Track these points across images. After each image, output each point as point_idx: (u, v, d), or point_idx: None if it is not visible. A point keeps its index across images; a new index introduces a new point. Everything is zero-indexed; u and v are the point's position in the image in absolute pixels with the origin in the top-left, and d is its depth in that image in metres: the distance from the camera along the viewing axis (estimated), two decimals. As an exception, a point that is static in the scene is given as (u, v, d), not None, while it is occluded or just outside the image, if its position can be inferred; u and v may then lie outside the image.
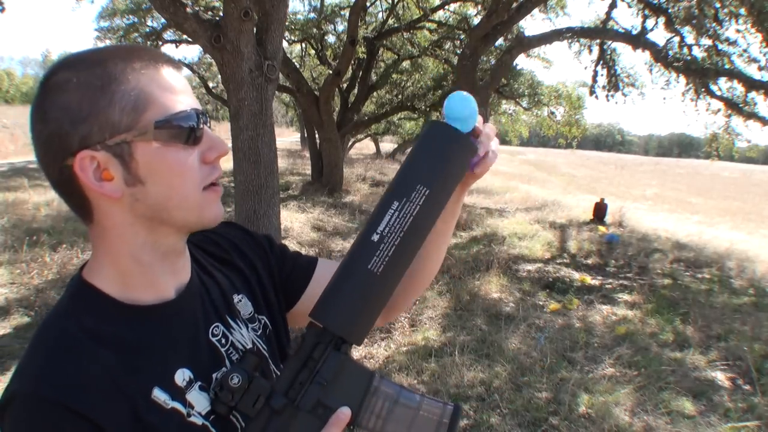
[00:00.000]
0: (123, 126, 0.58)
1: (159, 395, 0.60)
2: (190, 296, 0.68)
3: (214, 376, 0.66)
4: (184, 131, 0.60)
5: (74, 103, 0.57)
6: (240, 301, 0.76)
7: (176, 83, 0.62)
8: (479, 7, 10.44)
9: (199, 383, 0.64)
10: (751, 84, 7.77)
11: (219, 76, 4.58)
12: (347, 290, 0.61)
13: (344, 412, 0.60)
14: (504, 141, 27.12)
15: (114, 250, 0.62)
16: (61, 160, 0.58)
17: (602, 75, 10.16)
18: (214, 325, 0.70)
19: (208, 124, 0.64)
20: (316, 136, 11.69)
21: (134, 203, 0.60)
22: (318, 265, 0.87)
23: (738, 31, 7.83)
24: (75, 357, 0.57)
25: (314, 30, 12.10)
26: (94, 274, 0.63)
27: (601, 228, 9.10)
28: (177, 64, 0.64)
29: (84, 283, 0.63)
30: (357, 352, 3.91)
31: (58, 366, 0.56)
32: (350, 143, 19.33)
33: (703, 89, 8.46)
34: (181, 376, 0.63)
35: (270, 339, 0.78)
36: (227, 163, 6.63)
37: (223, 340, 0.70)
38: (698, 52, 8.42)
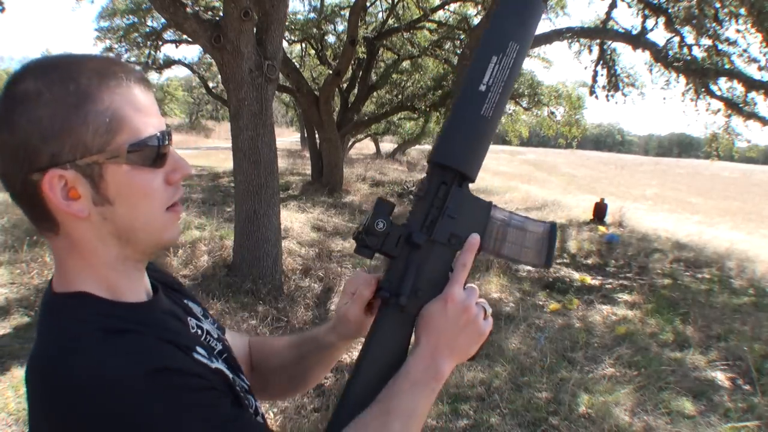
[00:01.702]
0: (95, 147, 0.57)
1: (201, 355, 0.63)
2: (162, 297, 0.70)
3: (201, 350, 0.66)
4: (153, 154, 0.61)
5: (46, 119, 0.55)
6: (188, 303, 0.78)
7: (147, 103, 0.62)
8: (479, 7, 10.44)
9: (214, 362, 0.66)
10: (751, 84, 7.77)
11: (219, 76, 4.58)
12: (465, 134, 0.69)
13: (475, 238, 0.71)
14: (504, 141, 27.12)
15: (92, 262, 0.62)
16: (26, 173, 0.56)
17: (602, 75, 10.16)
18: (188, 318, 0.72)
19: (171, 144, 0.64)
20: (316, 136, 11.69)
21: (102, 222, 0.60)
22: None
23: (738, 31, 7.84)
24: (131, 334, 0.57)
25: (314, 30, 12.11)
26: (78, 283, 0.61)
27: (601, 228, 9.10)
28: (147, 82, 0.64)
29: (76, 293, 0.61)
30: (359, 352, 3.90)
31: (128, 343, 0.56)
32: (350, 143, 19.31)
33: (703, 89, 8.46)
34: (202, 350, 0.65)
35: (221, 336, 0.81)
36: (227, 162, 6.59)
37: (199, 331, 0.72)
38: (698, 52, 8.43)
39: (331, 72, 10.55)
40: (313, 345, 0.86)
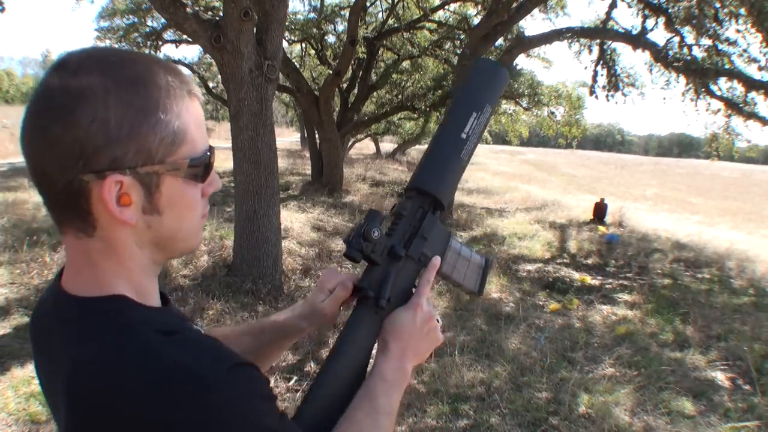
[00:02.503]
0: (158, 157, 0.57)
1: None
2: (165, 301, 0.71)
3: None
4: (204, 170, 0.62)
5: (114, 121, 0.53)
6: None
7: (203, 118, 0.63)
8: (479, 7, 10.45)
9: None
10: (751, 84, 7.77)
11: (219, 76, 4.58)
12: (445, 170, 0.82)
13: (437, 259, 0.81)
14: (504, 141, 27.11)
15: (127, 266, 0.61)
16: (76, 172, 0.54)
17: (602, 75, 10.16)
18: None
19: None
20: (316, 136, 11.69)
21: (146, 230, 0.60)
22: None
23: (738, 31, 7.84)
24: (188, 340, 0.57)
25: (314, 30, 12.10)
26: (114, 286, 0.60)
27: (601, 228, 9.11)
28: (200, 95, 0.64)
29: (113, 297, 0.59)
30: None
31: (194, 350, 0.55)
32: (350, 143, 19.33)
33: (703, 89, 8.46)
34: None
35: None
36: (227, 163, 6.62)
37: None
38: (698, 52, 8.43)
39: (331, 72, 10.55)
40: (277, 333, 0.89)
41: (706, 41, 8.28)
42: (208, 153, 0.62)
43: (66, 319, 0.59)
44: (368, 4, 11.03)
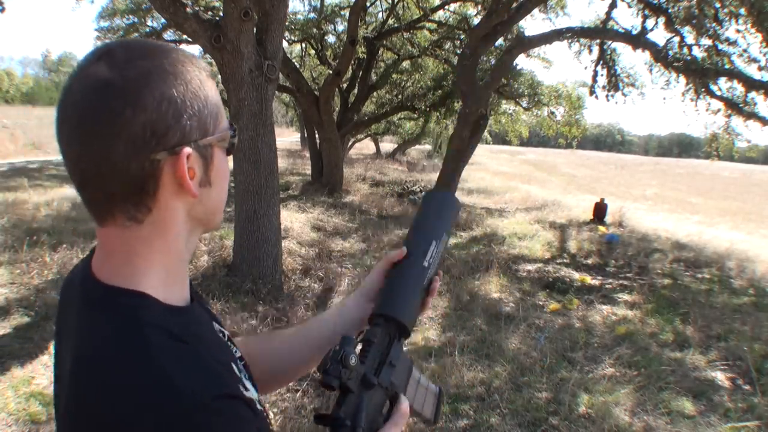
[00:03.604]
0: (210, 129, 0.60)
1: (243, 385, 0.61)
2: (197, 304, 0.68)
3: (235, 366, 0.64)
4: (234, 142, 0.66)
5: (179, 97, 0.56)
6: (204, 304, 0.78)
7: None
8: (479, 7, 10.45)
9: (244, 374, 0.65)
10: (751, 84, 7.76)
11: (219, 76, 4.58)
12: (411, 297, 0.84)
13: (406, 405, 0.77)
14: (504, 141, 27.11)
15: (167, 250, 0.61)
16: (149, 152, 0.55)
17: (602, 75, 10.15)
18: (213, 323, 0.70)
19: None
20: (316, 136, 11.69)
21: (198, 204, 0.62)
22: None
23: (738, 31, 7.83)
24: (194, 355, 0.55)
25: (314, 30, 12.10)
26: (141, 281, 0.59)
27: (601, 228, 9.11)
28: None
29: (135, 292, 0.58)
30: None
31: (191, 366, 0.53)
32: (350, 143, 19.33)
33: (703, 89, 8.46)
34: (235, 368, 0.63)
35: None
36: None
37: (224, 338, 0.70)
38: (698, 52, 8.42)
39: (331, 72, 10.55)
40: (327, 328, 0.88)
41: (706, 41, 8.27)
42: (234, 126, 0.66)
43: (87, 301, 0.60)
44: (368, 4, 11.03)
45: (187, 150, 0.57)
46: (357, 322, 0.87)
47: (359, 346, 0.76)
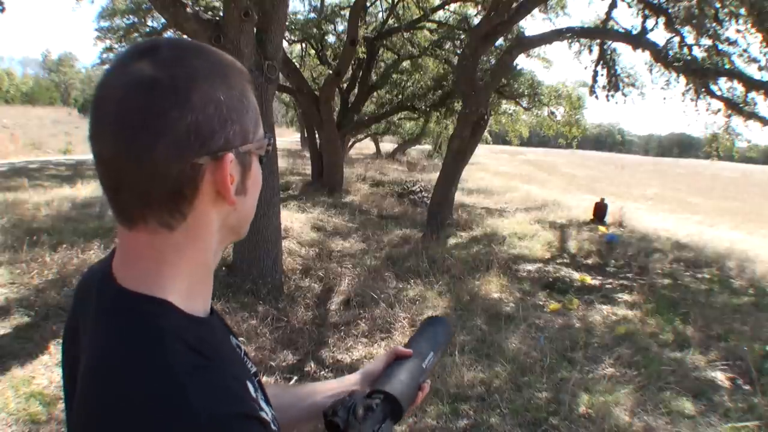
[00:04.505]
0: (250, 136, 0.59)
1: (260, 406, 0.59)
2: (216, 317, 0.66)
3: (249, 383, 0.61)
4: (269, 150, 0.65)
5: (225, 101, 0.54)
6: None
7: None
8: (479, 7, 10.44)
9: (260, 393, 0.62)
10: (751, 84, 7.75)
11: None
12: (410, 389, 0.91)
13: None
14: (504, 141, 27.11)
15: (197, 259, 0.59)
16: (193, 156, 0.52)
17: (602, 75, 10.14)
18: (230, 336, 0.68)
19: None
20: (316, 136, 11.69)
21: (231, 213, 0.60)
22: None
23: (738, 31, 7.82)
24: (211, 371, 0.53)
25: (314, 30, 12.10)
26: (165, 287, 0.56)
27: (601, 228, 9.10)
28: None
29: (157, 300, 0.56)
30: (359, 352, 3.91)
31: (207, 381, 0.51)
32: (350, 143, 19.33)
33: (703, 89, 8.45)
34: (251, 386, 0.60)
35: None
36: (227, 163, 6.66)
37: (241, 352, 0.68)
38: (698, 52, 8.41)
39: (331, 72, 10.55)
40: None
41: (706, 41, 8.27)
42: (270, 135, 0.65)
43: (107, 306, 0.57)
44: (368, 4, 11.03)
45: (231, 156, 0.55)
46: None
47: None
